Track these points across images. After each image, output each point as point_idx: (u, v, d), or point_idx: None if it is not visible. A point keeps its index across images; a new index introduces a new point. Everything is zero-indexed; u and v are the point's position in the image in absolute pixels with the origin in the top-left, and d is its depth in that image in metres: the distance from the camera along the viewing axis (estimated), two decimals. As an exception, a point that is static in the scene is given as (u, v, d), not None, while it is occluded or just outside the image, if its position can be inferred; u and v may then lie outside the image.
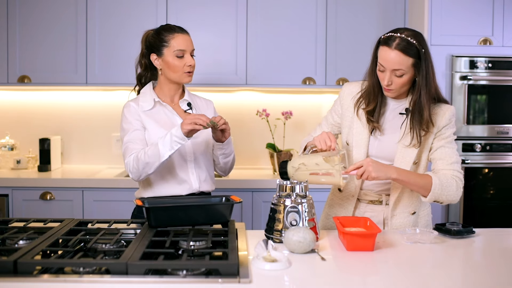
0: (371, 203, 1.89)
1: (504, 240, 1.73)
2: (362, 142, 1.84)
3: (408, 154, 1.79)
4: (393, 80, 1.72)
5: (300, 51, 3.16)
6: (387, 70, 1.71)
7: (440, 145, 1.80)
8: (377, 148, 1.84)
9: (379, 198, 1.88)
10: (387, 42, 1.72)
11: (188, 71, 1.96)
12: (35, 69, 3.12)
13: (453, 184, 1.74)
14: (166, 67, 1.96)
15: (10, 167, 3.26)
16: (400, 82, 1.73)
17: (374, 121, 1.83)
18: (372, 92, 1.82)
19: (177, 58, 1.94)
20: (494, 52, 2.94)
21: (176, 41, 1.95)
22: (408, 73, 1.71)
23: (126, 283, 1.18)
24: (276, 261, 1.32)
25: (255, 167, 3.47)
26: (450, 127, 1.81)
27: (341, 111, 1.95)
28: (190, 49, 1.97)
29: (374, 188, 1.88)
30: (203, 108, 2.12)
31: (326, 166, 1.64)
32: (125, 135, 1.94)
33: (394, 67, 1.69)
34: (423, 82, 1.72)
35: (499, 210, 2.96)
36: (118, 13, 3.12)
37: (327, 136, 1.70)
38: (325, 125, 2.00)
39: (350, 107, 1.90)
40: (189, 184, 1.99)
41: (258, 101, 3.43)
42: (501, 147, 2.96)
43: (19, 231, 1.54)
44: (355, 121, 1.87)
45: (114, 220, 1.67)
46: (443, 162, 1.78)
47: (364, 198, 1.89)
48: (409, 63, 1.69)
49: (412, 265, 1.40)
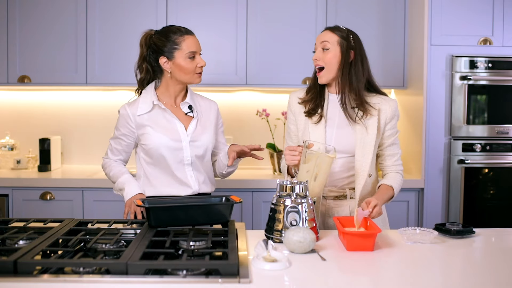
0: (336, 199, 1.94)
1: (504, 240, 1.73)
2: (319, 138, 1.90)
3: (367, 143, 1.89)
4: (321, 57, 1.90)
5: (300, 51, 3.16)
6: (318, 47, 1.91)
7: (391, 142, 1.97)
8: (335, 142, 1.90)
9: (343, 192, 1.94)
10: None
11: (199, 72, 1.98)
12: (35, 69, 3.12)
13: (400, 178, 1.98)
14: (178, 69, 1.95)
15: (10, 167, 3.26)
16: (327, 57, 1.89)
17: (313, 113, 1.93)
18: (312, 87, 1.99)
19: (189, 59, 1.95)
20: (494, 52, 2.94)
21: (187, 44, 1.95)
22: (333, 49, 1.89)
23: (126, 283, 1.18)
24: (276, 261, 1.32)
25: (255, 167, 3.47)
26: (396, 118, 1.97)
27: (294, 118, 2.02)
28: (199, 50, 1.99)
29: (338, 184, 1.94)
30: (205, 110, 2.10)
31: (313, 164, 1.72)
32: (112, 136, 2.08)
33: (321, 40, 1.91)
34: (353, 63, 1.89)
35: (499, 210, 2.96)
36: (118, 13, 3.12)
37: (288, 151, 1.80)
38: (289, 141, 2.06)
39: (301, 111, 1.99)
40: (189, 186, 2.00)
41: (258, 101, 3.43)
42: (501, 147, 2.96)
43: (19, 231, 1.54)
44: (308, 122, 1.95)
45: (114, 220, 1.68)
46: (392, 159, 1.98)
47: (329, 194, 1.94)
48: (334, 39, 1.89)
49: (412, 265, 1.40)
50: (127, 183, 1.98)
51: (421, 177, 2.97)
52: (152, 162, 2.00)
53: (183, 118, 2.02)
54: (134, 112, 1.98)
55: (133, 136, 2.01)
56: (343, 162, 1.91)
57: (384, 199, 1.88)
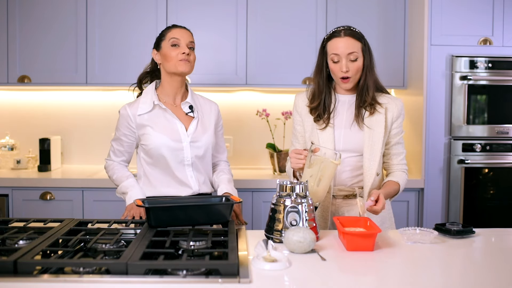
0: (346, 198, 1.95)
1: (504, 240, 1.73)
2: (328, 138, 1.91)
3: (375, 142, 1.90)
4: (349, 66, 1.85)
5: (300, 51, 3.16)
6: (342, 57, 1.85)
7: (396, 141, 1.98)
8: (344, 142, 1.91)
9: (353, 191, 1.94)
10: (334, 35, 1.89)
11: (183, 59, 1.96)
12: (35, 69, 3.12)
13: (405, 177, 2.00)
14: (164, 59, 1.99)
15: (10, 167, 3.26)
16: (355, 66, 1.86)
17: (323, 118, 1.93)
18: (316, 90, 1.96)
19: (172, 47, 1.97)
20: (494, 52, 2.94)
21: (172, 33, 2.00)
22: (360, 57, 1.87)
23: (126, 283, 1.18)
24: (276, 261, 1.32)
25: (255, 167, 3.47)
26: (402, 117, 1.98)
27: (301, 119, 2.02)
28: (186, 40, 1.99)
29: (347, 183, 1.95)
30: (206, 111, 2.10)
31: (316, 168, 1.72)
32: (113, 137, 2.09)
33: (348, 50, 1.84)
34: (370, 65, 1.89)
35: (499, 210, 2.96)
36: (118, 13, 3.12)
37: (294, 154, 1.78)
38: (296, 142, 2.06)
39: (308, 113, 1.98)
40: (189, 186, 2.00)
41: (258, 101, 3.43)
42: (501, 147, 2.96)
43: (19, 231, 1.54)
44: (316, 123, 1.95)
45: (114, 220, 1.68)
46: (397, 157, 2.00)
47: (339, 193, 1.95)
48: (359, 46, 1.86)
49: (412, 265, 1.40)
50: (130, 188, 1.99)
51: (421, 177, 2.97)
52: (152, 162, 2.00)
53: (184, 118, 2.02)
54: (135, 112, 1.98)
55: (134, 136, 2.01)
56: (352, 161, 1.92)
57: (390, 193, 1.89)
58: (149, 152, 1.98)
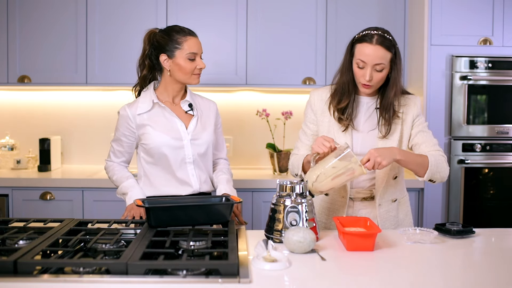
0: (364, 200, 1.93)
1: (504, 240, 1.73)
2: (345, 140, 1.86)
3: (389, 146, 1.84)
4: (373, 75, 1.79)
5: (300, 51, 3.16)
6: (368, 65, 1.77)
7: (418, 130, 1.90)
8: (361, 145, 1.89)
9: (370, 194, 1.92)
10: (365, 39, 1.78)
11: (197, 73, 1.98)
12: (35, 69, 3.12)
13: (444, 161, 1.83)
14: (177, 68, 1.96)
15: (10, 167, 3.26)
16: (380, 77, 1.80)
17: (344, 119, 1.87)
18: (346, 90, 1.88)
19: (189, 60, 1.95)
20: (494, 52, 2.94)
21: (189, 44, 1.95)
22: (386, 68, 1.80)
23: (126, 283, 1.18)
24: (276, 261, 1.32)
25: (255, 167, 3.47)
26: (421, 115, 1.93)
27: (315, 118, 1.97)
28: (201, 52, 1.99)
29: (365, 185, 1.92)
30: (204, 110, 2.10)
31: (343, 165, 1.66)
32: (113, 138, 2.09)
33: (376, 61, 1.76)
34: (398, 77, 1.81)
35: (499, 210, 2.96)
36: (118, 13, 3.12)
37: (323, 139, 1.72)
38: (305, 139, 2.00)
39: (325, 111, 1.94)
40: (190, 185, 2.00)
41: (258, 101, 3.43)
42: (501, 147, 2.96)
43: (19, 231, 1.54)
44: (333, 123, 1.91)
45: (114, 220, 1.68)
46: (427, 144, 1.87)
47: (357, 196, 1.93)
48: (388, 58, 1.78)
49: (412, 265, 1.40)
50: (130, 188, 1.99)
51: (421, 177, 2.96)
52: (153, 162, 2.00)
53: (183, 117, 2.02)
54: (134, 112, 1.98)
55: (134, 136, 2.01)
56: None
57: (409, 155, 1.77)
58: (149, 152, 1.98)
